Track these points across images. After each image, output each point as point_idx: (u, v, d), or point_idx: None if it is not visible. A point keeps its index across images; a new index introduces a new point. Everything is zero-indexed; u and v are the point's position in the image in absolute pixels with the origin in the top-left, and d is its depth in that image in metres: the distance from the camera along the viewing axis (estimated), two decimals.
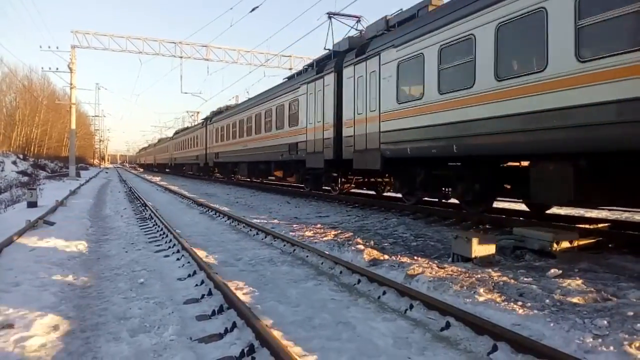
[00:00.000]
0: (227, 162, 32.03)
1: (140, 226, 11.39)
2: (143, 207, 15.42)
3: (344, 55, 15.34)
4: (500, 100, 8.48)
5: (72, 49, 35.92)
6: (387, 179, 16.82)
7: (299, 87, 18.47)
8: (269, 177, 25.31)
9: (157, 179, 42.44)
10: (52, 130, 62.74)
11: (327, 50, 17.93)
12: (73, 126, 40.60)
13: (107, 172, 64.20)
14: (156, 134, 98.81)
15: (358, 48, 14.45)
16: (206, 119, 38.48)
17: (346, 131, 14.66)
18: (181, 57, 36.09)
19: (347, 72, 14.65)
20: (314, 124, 16.96)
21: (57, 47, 36.48)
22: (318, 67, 17.49)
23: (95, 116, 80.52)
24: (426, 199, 13.20)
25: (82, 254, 7.89)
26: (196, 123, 50.39)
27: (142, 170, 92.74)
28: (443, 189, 11.77)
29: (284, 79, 22.69)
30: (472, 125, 9.18)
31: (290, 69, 39.12)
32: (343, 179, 17.47)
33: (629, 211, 12.44)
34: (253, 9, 21.41)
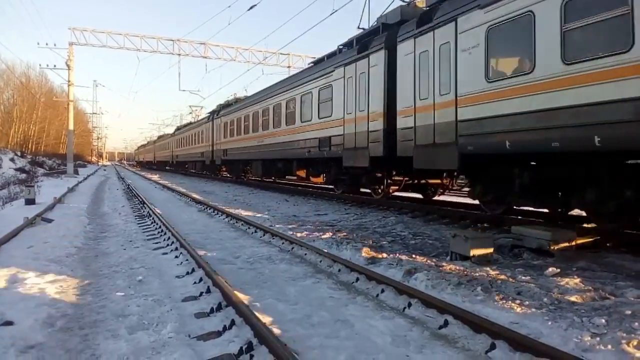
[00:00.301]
0: (238, 160, 28.82)
1: (139, 224, 11.37)
2: (141, 205, 15.40)
3: (396, 29, 12.37)
4: None
5: (69, 45, 35.82)
6: (446, 181, 14.12)
7: (333, 71, 15.46)
8: (288, 177, 23.14)
9: (155, 177, 42.36)
10: (49, 127, 62.62)
11: (362, 30, 15.30)
12: (71, 123, 40.54)
13: (105, 170, 64.01)
14: (154, 132, 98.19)
15: (419, 16, 11.53)
16: (213, 112, 35.63)
17: (402, 122, 11.71)
18: (179, 55, 36.05)
19: (403, 47, 11.69)
20: (355, 114, 13.99)
21: (55, 44, 36.41)
22: (359, 45, 14.23)
23: (93, 113, 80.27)
24: (525, 207, 10.31)
25: (80, 251, 7.87)
26: (200, 118, 45.79)
27: (139, 168, 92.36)
28: (559, 195, 8.75)
29: (309, 63, 19.63)
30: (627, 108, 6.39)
31: (289, 67, 39.12)
32: (389, 180, 14.36)
33: None
34: (251, 7, 21.36)
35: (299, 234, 9.36)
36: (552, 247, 6.87)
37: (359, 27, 15.52)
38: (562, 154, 7.75)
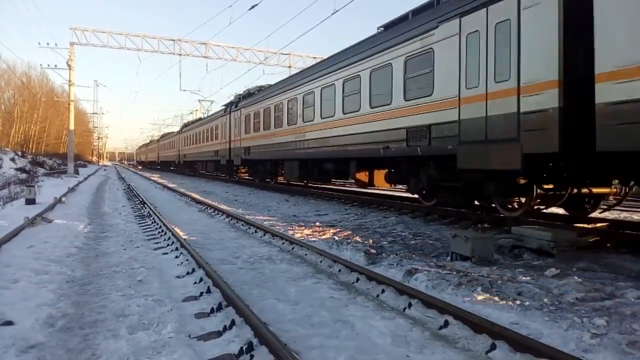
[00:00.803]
0: (265, 160, 23.35)
1: (139, 224, 11.38)
2: (142, 205, 15.41)
3: None
4: None
5: (70, 45, 35.81)
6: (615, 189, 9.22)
7: (434, 30, 10.26)
8: (332, 180, 19.49)
9: (155, 176, 42.36)
10: (50, 127, 62.65)
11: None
12: (71, 123, 40.56)
13: (105, 170, 64.00)
14: (155, 132, 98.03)
15: None
16: (230, 104, 29.44)
17: (610, 92, 6.48)
18: (180, 55, 36.02)
19: None
20: (485, 88, 8.85)
21: (56, 44, 36.31)
22: None
23: (94, 113, 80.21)
24: None
25: (80, 251, 7.88)
26: (212, 112, 39.05)
27: (140, 168, 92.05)
28: None
29: (379, 27, 13.53)
30: None
31: (290, 67, 39.11)
32: (540, 191, 8.80)
33: (628, 211, 12.47)
34: (252, 7, 21.35)
35: (299, 234, 9.37)
36: (552, 248, 6.87)
37: (378, 28, 13.55)
38: None
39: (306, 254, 7.61)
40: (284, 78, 22.77)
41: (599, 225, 9.35)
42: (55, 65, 37.74)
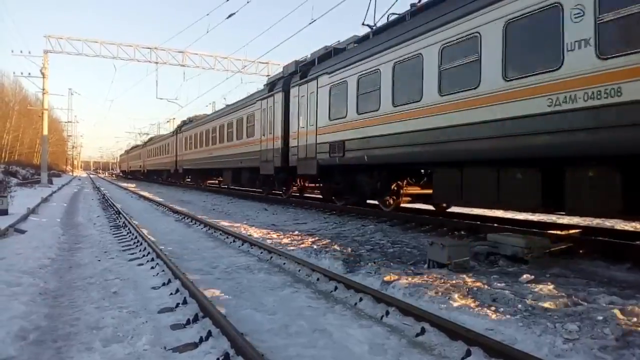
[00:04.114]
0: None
1: (114, 234, 11.20)
2: (117, 215, 15.17)
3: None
4: None
5: (44, 53, 35.24)
6: None
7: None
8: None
9: (132, 186, 41.78)
10: (23, 136, 61.41)
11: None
12: (45, 132, 39.81)
13: (80, 180, 62.73)
14: (130, 140, 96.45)
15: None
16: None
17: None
18: (157, 63, 35.74)
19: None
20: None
21: (30, 52, 35.80)
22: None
23: (68, 122, 78.83)
24: None
25: (53, 263, 7.71)
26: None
27: (114, 177, 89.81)
28: None
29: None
30: None
31: (268, 75, 39.11)
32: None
33: (600, 217, 12.74)
34: (229, 16, 21.36)
35: (277, 243, 9.34)
36: (526, 255, 6.99)
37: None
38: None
39: (284, 263, 7.59)
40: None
41: (571, 231, 9.55)
42: (29, 73, 37.06)
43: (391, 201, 13.35)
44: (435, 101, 10.02)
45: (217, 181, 33.89)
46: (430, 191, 11.69)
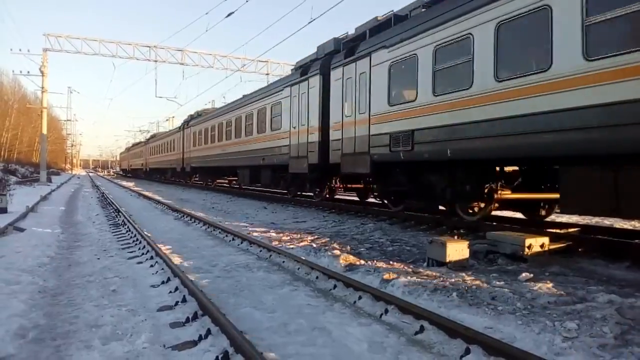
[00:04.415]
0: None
1: (113, 232, 11.20)
2: (116, 213, 15.17)
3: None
4: None
5: (44, 52, 35.21)
6: None
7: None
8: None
9: (131, 184, 41.75)
10: (22, 134, 61.38)
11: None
12: (44, 131, 39.77)
13: (79, 178, 62.68)
14: (130, 139, 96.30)
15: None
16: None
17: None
18: (156, 61, 35.70)
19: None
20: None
21: (29, 50, 35.69)
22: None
23: (67, 120, 78.65)
24: None
25: (53, 261, 7.72)
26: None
27: (113, 176, 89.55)
28: None
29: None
30: None
31: (267, 74, 39.11)
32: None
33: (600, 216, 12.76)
34: (229, 14, 21.29)
35: (277, 242, 9.34)
36: (525, 253, 7.00)
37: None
38: None
39: (284, 262, 7.59)
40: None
41: (570, 230, 9.56)
42: (28, 72, 37.07)
43: (478, 208, 10.43)
44: (579, 69, 7.13)
45: (227, 181, 31.30)
46: (530, 196, 10.22)
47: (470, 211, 10.56)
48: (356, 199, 18.34)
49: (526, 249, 7.02)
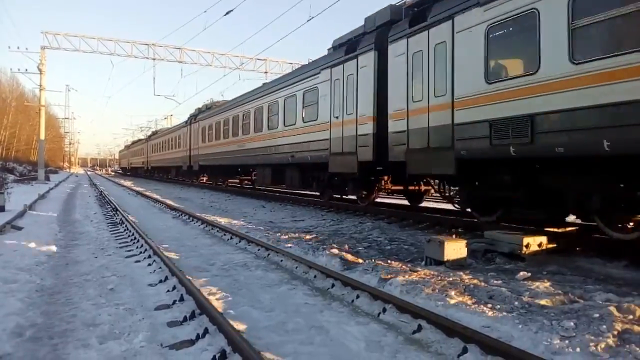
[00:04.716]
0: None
1: (111, 231, 11.18)
2: (114, 212, 15.15)
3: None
4: None
5: (41, 50, 35.15)
6: None
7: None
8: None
9: (130, 183, 41.66)
10: (20, 132, 61.14)
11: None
12: (42, 129, 39.69)
13: (77, 177, 62.54)
14: (128, 137, 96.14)
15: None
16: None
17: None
18: (154, 59, 35.64)
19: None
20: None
21: (27, 48, 35.71)
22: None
23: (65, 118, 78.45)
24: None
25: (50, 259, 7.70)
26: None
27: (110, 174, 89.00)
28: None
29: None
30: None
31: (266, 72, 39.07)
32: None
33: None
34: (227, 12, 21.29)
35: (275, 240, 9.33)
36: (523, 252, 7.00)
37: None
38: None
39: (282, 260, 7.59)
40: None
41: (568, 229, 9.55)
42: (26, 70, 37.12)
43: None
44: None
45: (238, 181, 28.43)
46: None
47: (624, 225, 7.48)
48: (403, 202, 15.65)
49: (524, 248, 7.02)
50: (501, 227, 9.01)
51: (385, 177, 13.42)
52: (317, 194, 17.13)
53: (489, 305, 4.92)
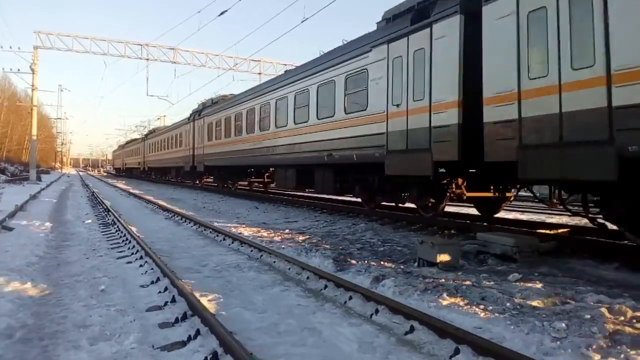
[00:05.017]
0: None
1: (103, 232, 11.12)
2: (106, 213, 15.06)
3: None
4: None
5: (34, 49, 34.90)
6: None
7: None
8: None
9: (121, 184, 41.49)
10: (12, 132, 60.80)
11: None
12: (34, 129, 39.39)
13: (69, 177, 62.10)
14: (121, 137, 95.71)
15: None
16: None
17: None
18: (147, 60, 35.45)
19: None
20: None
21: (19, 48, 35.44)
22: None
23: (58, 118, 77.95)
24: None
25: (41, 260, 7.64)
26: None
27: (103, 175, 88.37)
28: None
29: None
30: None
31: (260, 73, 39.02)
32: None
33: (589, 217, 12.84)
34: (221, 13, 21.28)
35: (268, 242, 9.31)
36: (515, 254, 7.02)
37: None
38: None
39: (275, 262, 7.57)
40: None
41: (560, 230, 9.61)
42: (18, 69, 36.94)
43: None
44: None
45: (248, 183, 26.08)
46: None
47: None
48: (472, 211, 13.04)
49: (516, 250, 7.04)
50: (494, 228, 9.04)
51: (460, 181, 10.32)
52: (359, 200, 14.45)
53: (481, 307, 4.93)
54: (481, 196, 11.01)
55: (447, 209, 12.40)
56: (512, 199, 11.73)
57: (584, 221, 12.08)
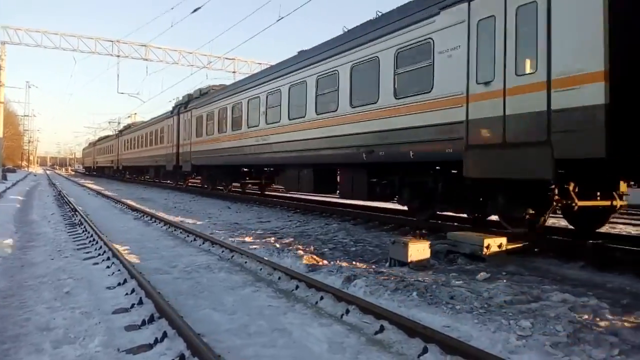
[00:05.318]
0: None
1: (69, 232, 10.85)
2: (73, 212, 14.71)
3: None
4: None
5: (1, 45, 33.86)
6: None
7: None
8: None
9: (89, 183, 40.64)
10: None
11: None
12: (0, 127, 38.24)
13: (35, 176, 60.43)
14: (90, 135, 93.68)
15: None
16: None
17: None
18: (118, 56, 34.78)
19: None
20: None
21: None
22: None
23: (25, 116, 75.86)
24: None
25: (5, 261, 7.43)
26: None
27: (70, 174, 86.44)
28: None
29: None
30: None
31: (234, 72, 38.70)
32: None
33: (555, 217, 13.14)
34: (195, 10, 21.04)
35: (240, 242, 9.24)
36: (484, 253, 7.13)
37: None
38: None
39: (246, 262, 7.51)
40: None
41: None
42: None
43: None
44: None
45: (241, 185, 23.30)
46: None
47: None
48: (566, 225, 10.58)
49: (484, 249, 7.16)
50: (464, 228, 9.15)
51: (571, 187, 7.47)
52: (405, 208, 11.85)
53: (450, 306, 4.99)
54: (595, 205, 8.27)
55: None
56: (618, 207, 8.51)
57: (550, 222, 12.39)
